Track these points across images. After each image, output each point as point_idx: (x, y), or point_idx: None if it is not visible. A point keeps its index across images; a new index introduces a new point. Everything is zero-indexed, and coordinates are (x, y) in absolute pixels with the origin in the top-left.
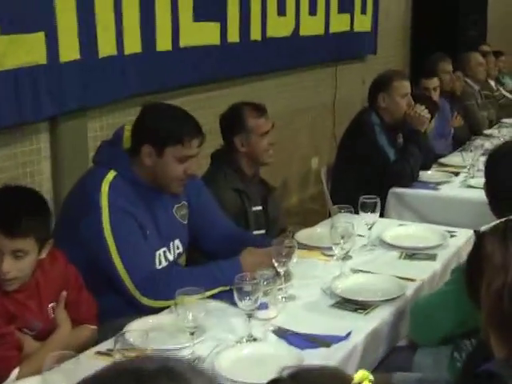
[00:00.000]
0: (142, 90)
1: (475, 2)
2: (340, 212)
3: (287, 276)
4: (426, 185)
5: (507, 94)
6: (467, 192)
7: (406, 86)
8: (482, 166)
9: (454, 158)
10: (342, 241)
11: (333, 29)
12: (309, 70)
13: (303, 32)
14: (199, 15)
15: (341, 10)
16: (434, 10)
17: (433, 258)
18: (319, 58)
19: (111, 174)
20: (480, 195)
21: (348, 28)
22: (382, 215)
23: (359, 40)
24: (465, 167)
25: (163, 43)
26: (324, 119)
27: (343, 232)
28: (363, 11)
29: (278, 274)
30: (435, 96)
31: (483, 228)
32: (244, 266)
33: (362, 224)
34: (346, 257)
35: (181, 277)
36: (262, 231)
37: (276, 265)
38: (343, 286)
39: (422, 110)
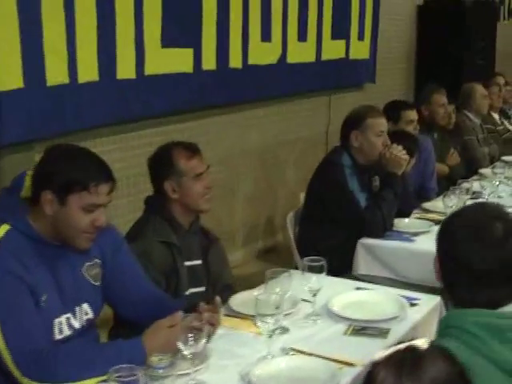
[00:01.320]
0: (99, 121)
1: (483, 28)
2: (275, 277)
3: (199, 357)
4: (400, 235)
5: None
6: None
7: (381, 123)
8: None
9: (440, 203)
10: (271, 313)
11: (325, 56)
12: (298, 99)
13: (291, 59)
14: (168, 40)
15: (335, 37)
16: (440, 37)
17: (385, 334)
18: (310, 87)
19: (3, 229)
20: None
21: (343, 55)
22: (350, 268)
23: (356, 68)
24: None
25: (125, 70)
26: (315, 152)
27: (275, 302)
28: (360, 37)
29: (184, 356)
30: (414, 129)
31: (378, 356)
32: (148, 347)
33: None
34: (281, 331)
35: (71, 357)
36: (201, 288)
37: (182, 346)
38: (261, 372)
39: (400, 151)
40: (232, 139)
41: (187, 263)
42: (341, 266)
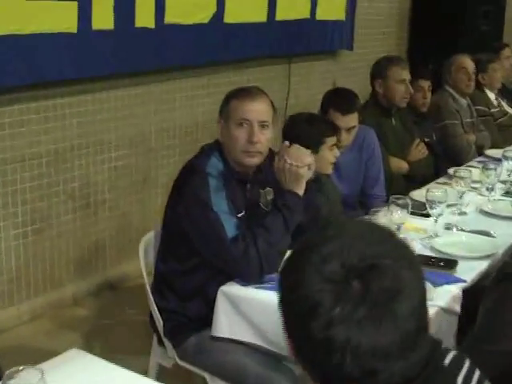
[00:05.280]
0: None
1: None
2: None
3: None
4: None
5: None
6: None
7: (246, 110)
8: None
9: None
10: None
11: (281, 15)
12: (241, 68)
13: (230, 18)
14: None
15: None
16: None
17: None
18: (257, 53)
19: None
20: None
21: (307, 15)
22: (210, 321)
23: (325, 31)
24: None
25: None
26: None
27: None
28: None
29: None
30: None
31: None
32: None
33: None
34: None
35: None
36: None
37: None
38: None
39: (300, 155)
40: (145, 116)
41: None
42: (201, 319)
